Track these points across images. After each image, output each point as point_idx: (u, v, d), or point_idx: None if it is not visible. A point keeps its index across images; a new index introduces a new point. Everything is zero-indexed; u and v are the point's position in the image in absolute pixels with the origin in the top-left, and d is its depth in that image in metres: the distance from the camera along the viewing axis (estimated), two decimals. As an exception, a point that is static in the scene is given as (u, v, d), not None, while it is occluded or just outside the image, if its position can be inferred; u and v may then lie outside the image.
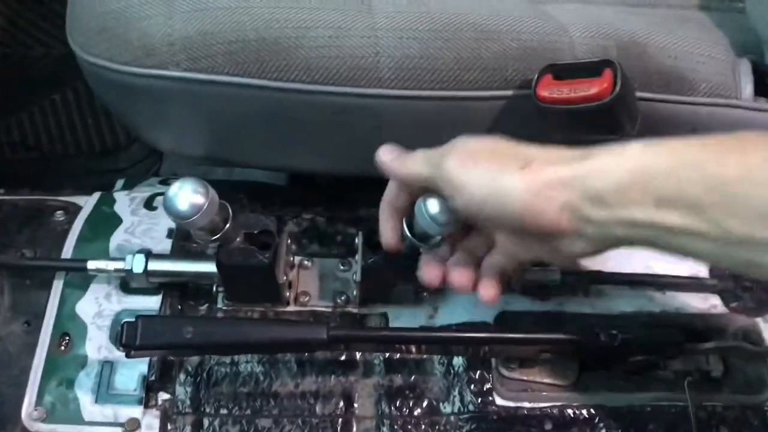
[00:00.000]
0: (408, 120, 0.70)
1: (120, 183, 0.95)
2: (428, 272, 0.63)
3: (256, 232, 0.69)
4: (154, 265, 0.75)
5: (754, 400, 0.73)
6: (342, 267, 0.80)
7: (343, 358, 0.75)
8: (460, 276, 0.62)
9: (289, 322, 0.71)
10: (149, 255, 0.75)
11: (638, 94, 0.67)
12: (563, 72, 0.63)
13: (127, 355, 0.65)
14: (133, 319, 0.65)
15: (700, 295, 0.77)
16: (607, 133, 0.65)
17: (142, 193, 0.88)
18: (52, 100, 1.29)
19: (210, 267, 0.74)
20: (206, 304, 0.78)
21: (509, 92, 0.67)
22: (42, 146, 1.28)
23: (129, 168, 1.24)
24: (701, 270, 0.78)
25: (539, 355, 0.72)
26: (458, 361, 0.74)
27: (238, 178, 1.06)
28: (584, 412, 0.72)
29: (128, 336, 0.63)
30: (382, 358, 0.75)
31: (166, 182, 0.92)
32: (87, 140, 1.28)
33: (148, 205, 0.85)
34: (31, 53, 1.33)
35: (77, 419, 0.71)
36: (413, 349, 0.75)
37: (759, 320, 0.76)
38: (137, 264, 0.74)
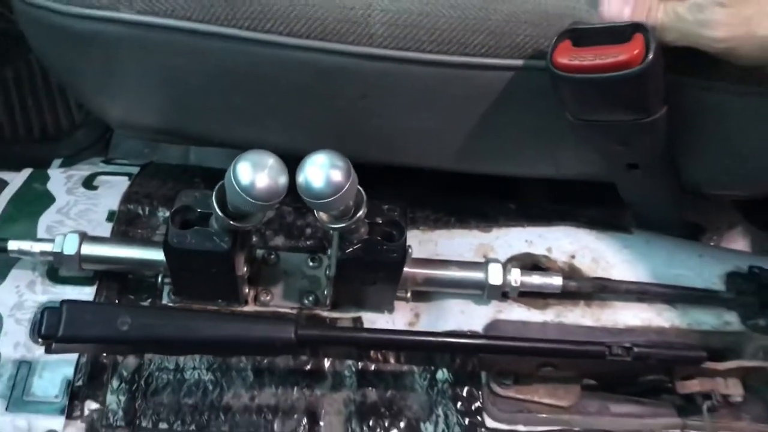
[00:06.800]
0: (401, 88, 0.60)
1: (57, 162, 0.83)
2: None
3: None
4: (90, 249, 0.64)
5: (778, 430, 0.64)
6: (311, 263, 0.70)
7: (308, 367, 0.64)
8: None
9: (249, 317, 0.60)
10: (84, 237, 0.64)
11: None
12: (585, 38, 0.55)
13: (47, 350, 0.53)
14: (56, 306, 0.53)
15: (713, 310, 0.69)
16: (631, 112, 0.57)
17: (81, 171, 0.76)
18: (-12, 79, 1.16)
19: (156, 254, 0.64)
20: (149, 299, 0.66)
21: (520, 62, 0.58)
22: (-26, 127, 1.15)
23: (72, 156, 1.11)
24: (715, 283, 0.70)
25: (537, 371, 0.62)
26: (443, 374, 0.64)
27: (194, 162, 0.95)
28: (587, 438, 0.62)
29: (49, 325, 0.51)
30: (354, 369, 0.64)
31: (109, 162, 0.81)
32: (26, 125, 1.15)
33: (88, 184, 0.74)
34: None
35: (-18, 430, 0.58)
36: (391, 358, 0.64)
37: (781, 339, 0.67)
38: (69, 245, 0.63)
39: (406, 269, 0.63)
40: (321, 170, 0.51)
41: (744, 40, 0.50)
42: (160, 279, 0.65)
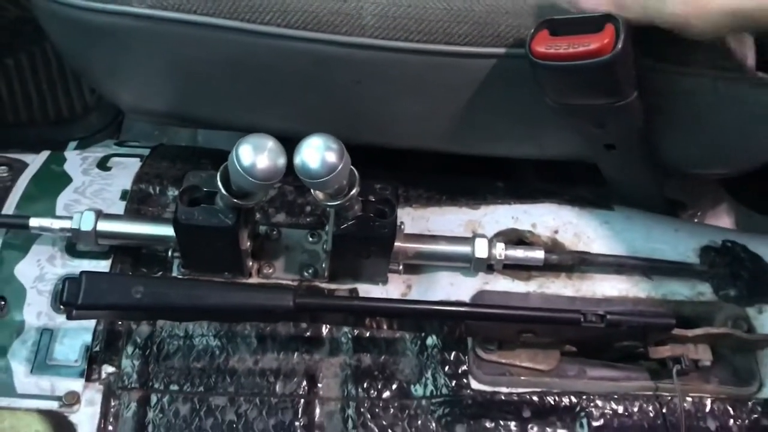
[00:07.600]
0: (392, 75, 0.64)
1: (72, 145, 0.88)
2: None
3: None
4: (105, 225, 0.69)
5: (742, 392, 0.69)
6: (311, 238, 0.74)
7: (308, 333, 0.69)
8: None
9: (252, 287, 0.65)
10: (100, 214, 0.69)
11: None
12: (561, 27, 0.59)
13: (68, 316, 0.59)
14: (76, 276, 0.58)
15: (687, 281, 0.73)
16: (605, 97, 0.61)
17: (95, 153, 0.81)
18: (4, 65, 1.21)
19: (166, 230, 0.69)
20: (160, 272, 0.71)
21: (502, 50, 0.62)
22: (-9, 112, 1.20)
23: (86, 138, 1.16)
24: (689, 256, 0.75)
25: (519, 337, 0.67)
26: (432, 340, 0.69)
27: (202, 144, 1.00)
28: (565, 399, 0.67)
29: (70, 293, 0.56)
30: (350, 335, 0.69)
31: (122, 144, 0.86)
32: (41, 108, 1.20)
33: (102, 165, 0.79)
34: (-15, 16, 1.24)
35: (8, 391, 0.64)
36: (384, 325, 0.70)
37: (749, 310, 0.72)
38: (86, 222, 0.68)
39: (398, 244, 0.68)
40: (316, 152, 0.56)
41: (698, 15, 0.54)
42: (170, 253, 0.70)
